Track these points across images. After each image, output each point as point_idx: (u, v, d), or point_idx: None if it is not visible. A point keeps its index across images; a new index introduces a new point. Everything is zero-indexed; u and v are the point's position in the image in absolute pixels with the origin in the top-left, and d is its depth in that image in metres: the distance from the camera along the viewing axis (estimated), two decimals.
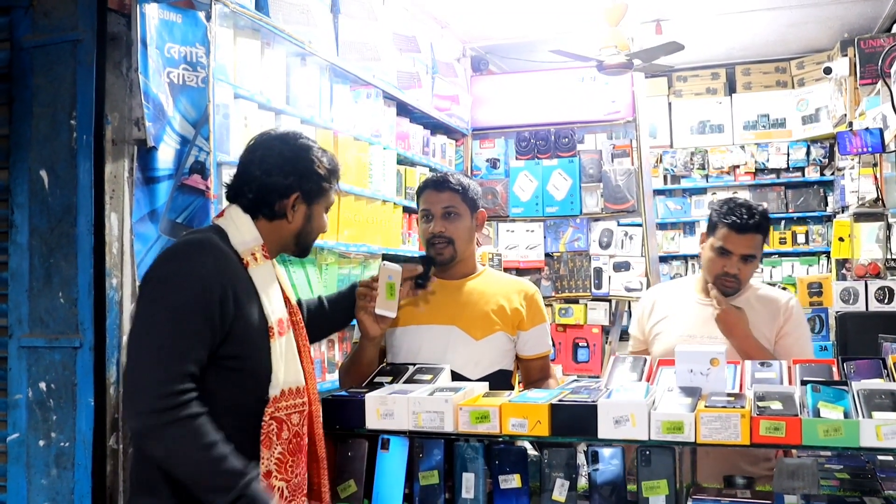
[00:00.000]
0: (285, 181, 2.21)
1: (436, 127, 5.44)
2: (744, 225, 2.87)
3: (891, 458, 2.44)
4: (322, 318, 2.58)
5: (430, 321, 2.81)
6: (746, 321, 2.87)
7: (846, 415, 2.08)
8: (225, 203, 2.28)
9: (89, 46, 2.59)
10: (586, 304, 5.59)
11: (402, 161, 4.83)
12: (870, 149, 5.23)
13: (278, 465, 2.13)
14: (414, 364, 2.70)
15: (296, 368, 2.21)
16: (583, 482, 2.39)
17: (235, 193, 2.25)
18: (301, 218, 2.27)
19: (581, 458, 2.43)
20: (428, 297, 2.78)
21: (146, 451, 2.03)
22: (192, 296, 2.01)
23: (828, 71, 6.83)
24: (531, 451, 2.43)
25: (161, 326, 2.00)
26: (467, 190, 2.82)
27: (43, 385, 2.57)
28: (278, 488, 2.12)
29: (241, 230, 2.19)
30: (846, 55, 6.66)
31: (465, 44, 5.96)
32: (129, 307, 2.48)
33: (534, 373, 2.92)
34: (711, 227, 2.97)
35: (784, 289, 7.17)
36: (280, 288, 2.28)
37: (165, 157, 2.68)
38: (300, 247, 2.33)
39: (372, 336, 2.60)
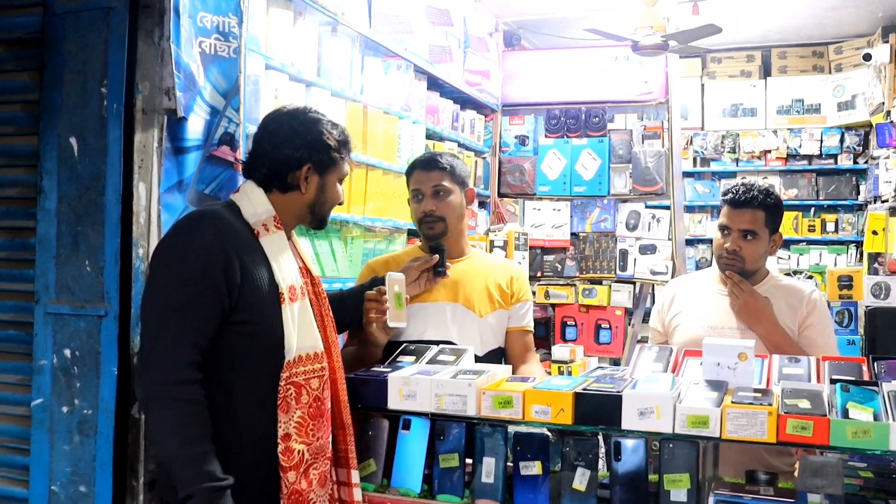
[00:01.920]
0: (296, 153, 2.28)
1: (466, 102, 5.39)
2: (739, 200, 2.89)
3: None
4: (342, 314, 2.59)
5: (434, 299, 2.88)
6: (772, 309, 2.84)
7: (876, 417, 2.04)
8: None
9: (122, 14, 2.57)
10: (610, 286, 5.55)
11: (430, 136, 4.79)
12: None
13: (298, 429, 2.18)
14: (420, 341, 2.74)
15: (312, 334, 2.25)
16: (602, 468, 2.38)
17: (250, 169, 2.33)
18: (314, 189, 2.33)
19: (602, 442, 2.42)
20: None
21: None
22: (196, 266, 2.08)
23: (867, 57, 6.71)
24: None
25: (169, 299, 2.07)
26: (455, 168, 2.92)
27: (67, 352, 2.58)
28: (298, 451, 2.17)
29: (254, 203, 2.26)
30: (887, 41, 6.54)
31: (498, 18, 5.88)
32: None
33: (517, 346, 2.98)
34: (718, 211, 3.02)
35: (810, 277, 7.10)
36: (297, 259, 2.34)
37: (195, 128, 2.66)
38: (316, 218, 2.39)
39: (381, 345, 2.66)
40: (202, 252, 2.09)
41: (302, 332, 2.22)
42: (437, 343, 2.70)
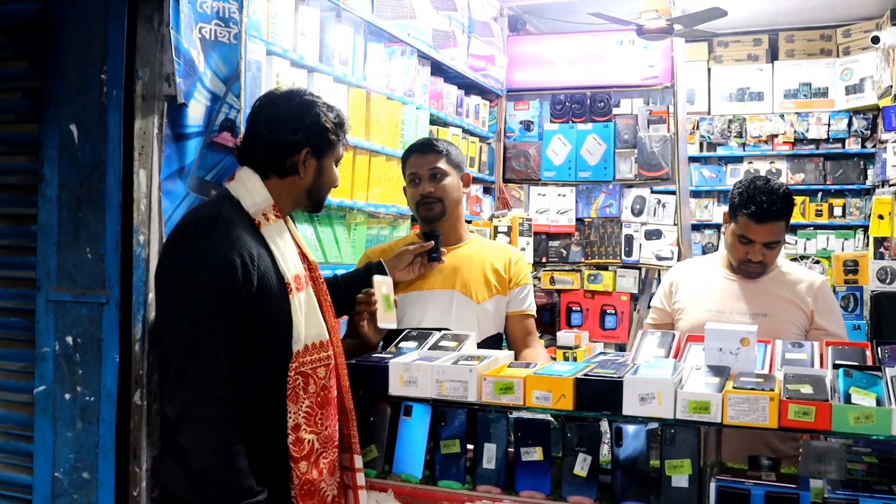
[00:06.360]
0: (294, 137, 2.26)
1: (470, 87, 5.37)
2: (764, 214, 2.80)
3: None
4: (337, 298, 2.57)
5: (430, 286, 2.88)
6: None
7: (878, 402, 2.03)
8: None
9: (121, 0, 2.56)
10: (616, 271, 5.54)
11: (434, 121, 4.78)
12: None
13: (307, 419, 2.18)
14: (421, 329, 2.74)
15: (318, 323, 2.25)
16: (605, 453, 2.37)
17: (246, 155, 2.31)
18: (312, 172, 2.31)
19: (604, 426, 2.42)
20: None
21: (177, 438, 2.10)
22: (217, 279, 2.07)
23: (875, 40, 6.64)
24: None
25: (195, 315, 2.06)
26: (451, 152, 2.94)
27: (70, 339, 2.58)
28: (308, 441, 2.17)
29: (252, 192, 2.24)
30: None
31: (502, 3, 5.85)
32: (155, 264, 2.46)
33: (518, 331, 2.98)
34: (732, 212, 2.88)
35: (817, 262, 7.06)
36: (296, 245, 2.32)
37: (195, 114, 2.64)
38: (313, 201, 2.38)
39: (374, 345, 2.66)
40: (221, 264, 2.07)
41: (309, 321, 2.22)
42: (437, 331, 2.69)
